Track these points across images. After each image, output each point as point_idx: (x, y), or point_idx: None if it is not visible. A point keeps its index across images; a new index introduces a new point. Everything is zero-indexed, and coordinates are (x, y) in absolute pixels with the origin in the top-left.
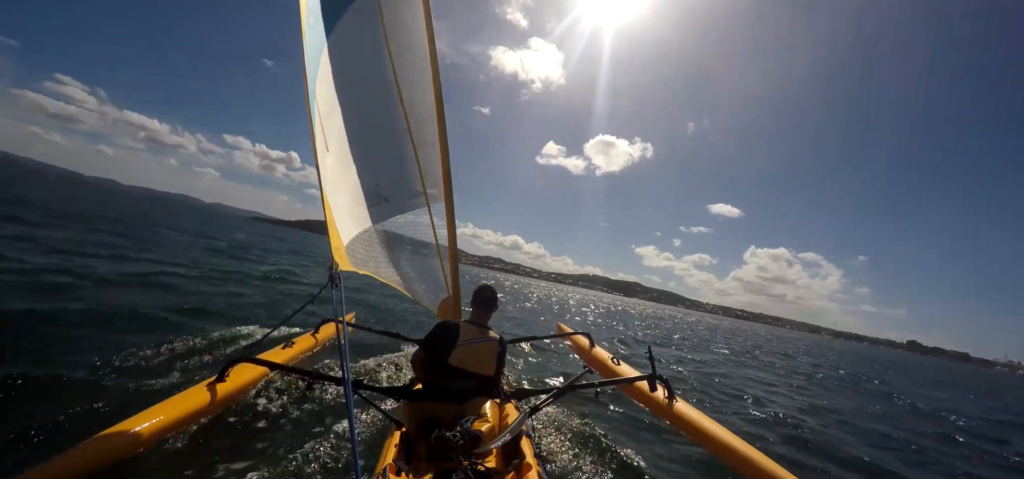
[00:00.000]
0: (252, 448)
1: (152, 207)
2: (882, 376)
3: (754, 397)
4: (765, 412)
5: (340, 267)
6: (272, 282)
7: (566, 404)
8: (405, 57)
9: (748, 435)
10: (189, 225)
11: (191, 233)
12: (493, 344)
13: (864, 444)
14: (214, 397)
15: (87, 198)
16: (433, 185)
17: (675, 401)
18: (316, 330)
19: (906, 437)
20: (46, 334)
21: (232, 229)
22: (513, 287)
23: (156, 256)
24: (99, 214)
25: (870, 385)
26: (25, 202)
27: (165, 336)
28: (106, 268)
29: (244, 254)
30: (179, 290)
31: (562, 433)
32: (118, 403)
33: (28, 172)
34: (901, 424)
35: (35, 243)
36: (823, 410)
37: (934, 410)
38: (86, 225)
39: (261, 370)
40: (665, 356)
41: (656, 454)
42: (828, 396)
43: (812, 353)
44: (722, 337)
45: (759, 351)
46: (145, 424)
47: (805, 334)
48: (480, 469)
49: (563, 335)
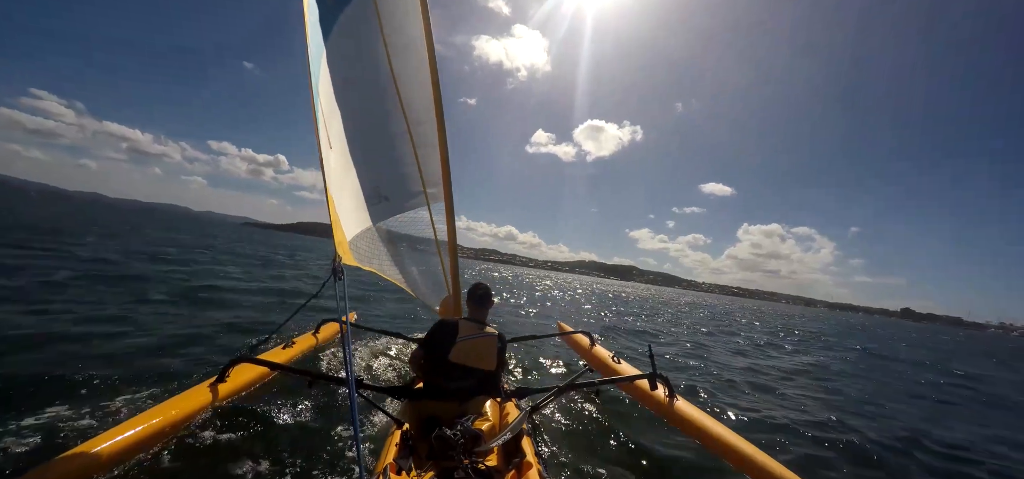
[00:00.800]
0: (253, 449)
1: (144, 219)
2: (846, 343)
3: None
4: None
5: (344, 261)
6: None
7: (566, 402)
8: (403, 58)
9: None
10: (195, 237)
11: (222, 249)
12: (492, 339)
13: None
14: (215, 397)
15: (73, 213)
16: (433, 184)
17: (675, 399)
18: (316, 330)
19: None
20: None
21: (235, 238)
22: (516, 280)
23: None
24: (123, 230)
25: (827, 353)
26: (21, 225)
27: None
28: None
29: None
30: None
31: (563, 431)
32: (123, 404)
33: (11, 190)
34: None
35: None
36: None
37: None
38: (116, 240)
39: (262, 370)
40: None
41: (657, 452)
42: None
43: (797, 325)
44: (733, 319)
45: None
46: (145, 426)
47: (801, 308)
48: (481, 467)
49: (563, 334)
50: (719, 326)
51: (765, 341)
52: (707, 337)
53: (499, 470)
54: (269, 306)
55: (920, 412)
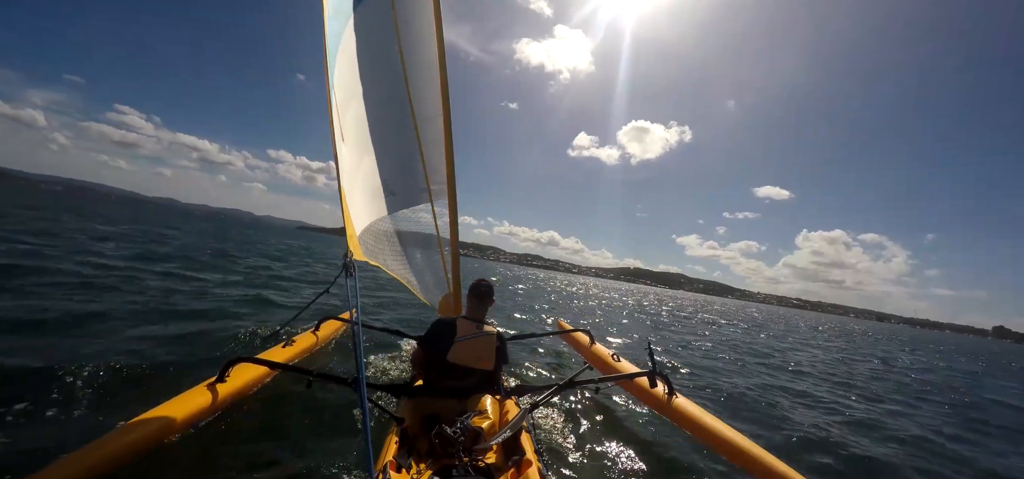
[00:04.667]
0: (253, 449)
1: (239, 225)
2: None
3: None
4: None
5: (354, 256)
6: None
7: (566, 400)
8: (414, 55)
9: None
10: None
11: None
12: (491, 338)
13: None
14: (214, 398)
15: (150, 217)
16: (437, 181)
17: (675, 397)
18: (317, 328)
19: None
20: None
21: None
22: (564, 288)
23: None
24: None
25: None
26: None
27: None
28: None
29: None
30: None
31: (562, 429)
32: (128, 403)
33: (99, 196)
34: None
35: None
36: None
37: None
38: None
39: (261, 370)
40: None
41: (656, 450)
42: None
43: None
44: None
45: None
46: (145, 428)
47: (873, 323)
48: (480, 465)
49: (563, 332)
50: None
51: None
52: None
53: (499, 467)
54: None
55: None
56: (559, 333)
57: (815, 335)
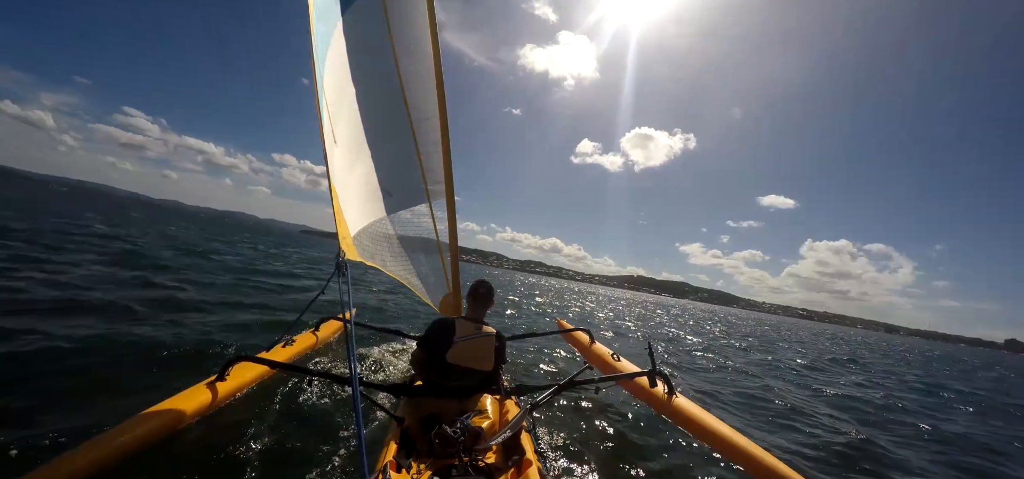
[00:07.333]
0: (253, 448)
1: (223, 228)
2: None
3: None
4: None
5: (347, 256)
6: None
7: (566, 400)
8: (409, 55)
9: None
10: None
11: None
12: (490, 339)
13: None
14: (214, 397)
15: (158, 220)
16: (435, 182)
17: (675, 396)
18: (316, 327)
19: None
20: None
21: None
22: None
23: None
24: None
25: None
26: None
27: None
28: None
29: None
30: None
31: (562, 428)
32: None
33: (110, 198)
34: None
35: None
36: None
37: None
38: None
39: (262, 369)
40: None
41: (656, 449)
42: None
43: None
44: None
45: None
46: (144, 426)
47: (882, 334)
48: (480, 464)
49: (563, 331)
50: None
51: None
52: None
53: (499, 467)
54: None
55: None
56: (559, 332)
57: (855, 358)
